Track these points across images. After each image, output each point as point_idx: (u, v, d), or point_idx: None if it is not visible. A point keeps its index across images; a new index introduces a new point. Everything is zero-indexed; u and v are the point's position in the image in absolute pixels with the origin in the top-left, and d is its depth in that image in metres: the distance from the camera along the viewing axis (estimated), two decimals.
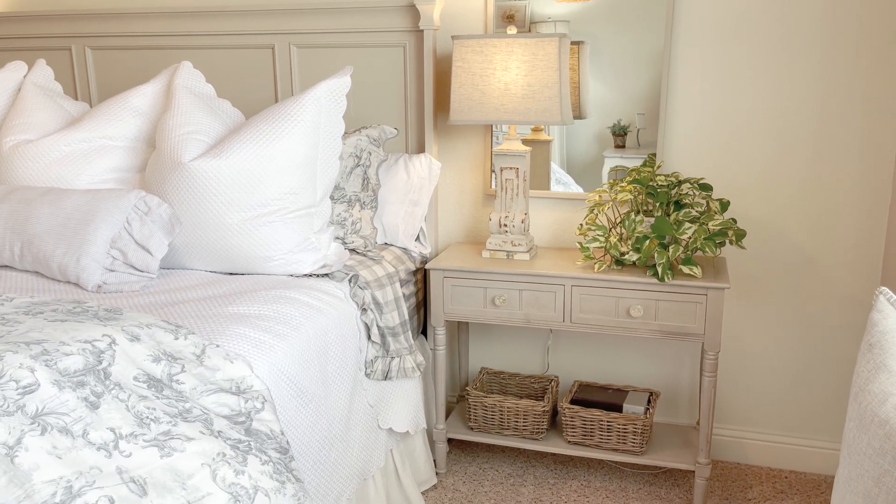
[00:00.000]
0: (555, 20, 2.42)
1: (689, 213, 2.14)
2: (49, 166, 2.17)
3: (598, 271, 2.18)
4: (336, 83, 2.14)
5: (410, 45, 2.45)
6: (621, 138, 2.46)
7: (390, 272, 2.27)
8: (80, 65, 2.78)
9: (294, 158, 2.05)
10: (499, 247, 2.36)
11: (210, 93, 2.32)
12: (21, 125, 2.26)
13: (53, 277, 1.95)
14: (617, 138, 2.46)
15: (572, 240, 2.51)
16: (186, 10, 2.61)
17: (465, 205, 2.62)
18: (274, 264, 2.05)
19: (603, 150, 2.48)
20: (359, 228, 2.32)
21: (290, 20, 2.53)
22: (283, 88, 2.60)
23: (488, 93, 2.21)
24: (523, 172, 2.33)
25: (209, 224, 2.01)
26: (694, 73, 2.33)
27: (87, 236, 1.91)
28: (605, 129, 2.45)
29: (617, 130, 2.46)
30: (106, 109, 2.28)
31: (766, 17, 2.23)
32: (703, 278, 2.11)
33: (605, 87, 2.42)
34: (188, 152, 2.03)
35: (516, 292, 2.25)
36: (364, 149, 2.35)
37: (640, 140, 2.45)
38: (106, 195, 1.99)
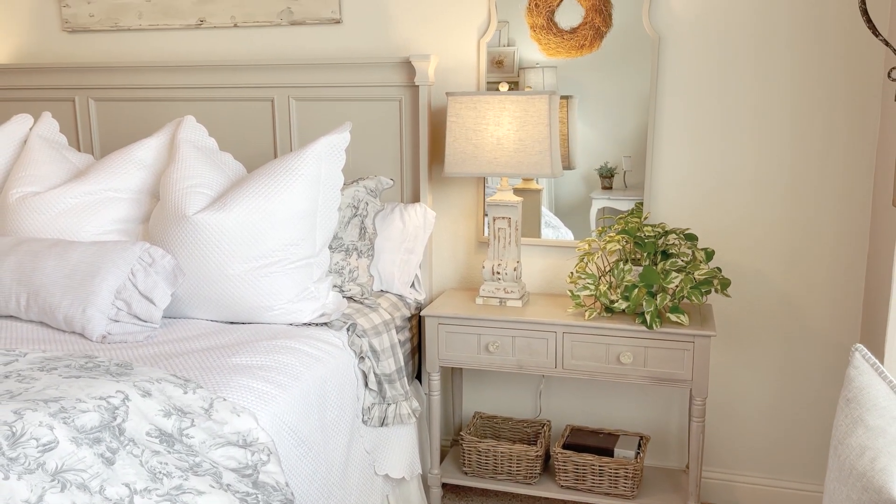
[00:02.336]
0: (542, 66, 2.52)
1: (676, 262, 2.22)
2: (55, 218, 2.23)
3: (588, 319, 2.25)
4: (336, 138, 2.22)
5: (406, 99, 2.54)
6: (608, 180, 2.55)
7: (386, 319, 2.33)
8: (83, 116, 2.85)
9: (295, 211, 2.12)
10: (492, 294, 2.43)
11: (213, 146, 2.39)
12: (27, 177, 2.32)
13: (58, 328, 1.99)
14: (604, 180, 2.55)
15: (563, 286, 2.59)
16: (188, 64, 2.70)
17: (458, 251, 2.69)
18: (274, 314, 2.10)
19: (590, 191, 2.57)
20: (356, 276, 2.38)
21: (290, 74, 2.62)
22: (282, 139, 2.68)
23: (481, 146, 2.30)
24: (515, 222, 2.41)
25: (212, 275, 2.06)
26: (678, 124, 2.43)
27: (92, 287, 1.96)
28: (593, 171, 2.54)
29: (604, 172, 2.55)
30: (111, 162, 2.35)
31: (745, 71, 2.34)
32: (690, 326, 2.19)
33: (591, 130, 2.52)
34: (192, 205, 2.10)
35: (509, 339, 2.31)
36: (361, 199, 2.42)
37: (626, 182, 2.53)
38: (111, 247, 2.04)
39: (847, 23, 2.23)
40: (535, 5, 2.44)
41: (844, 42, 2.25)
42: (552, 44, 2.45)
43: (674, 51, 2.38)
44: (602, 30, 2.39)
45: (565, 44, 2.43)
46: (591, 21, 2.39)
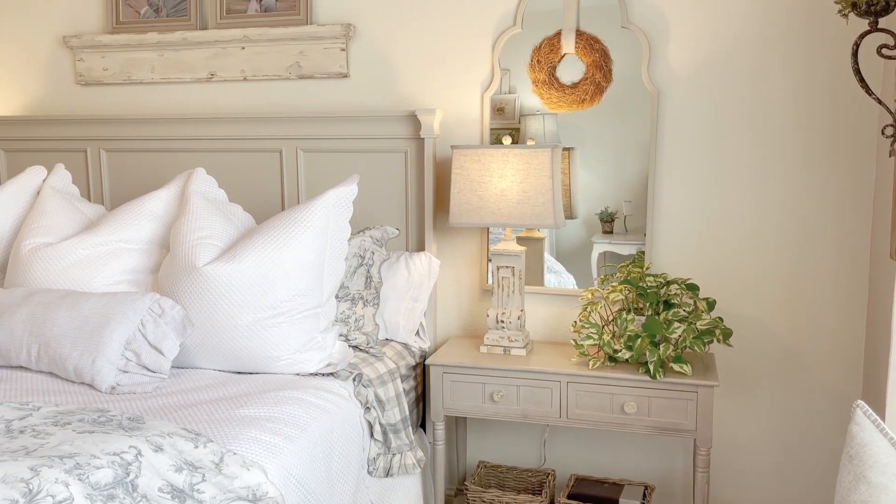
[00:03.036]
0: (543, 113, 2.58)
1: (678, 312, 2.24)
2: (67, 269, 2.26)
3: (592, 368, 2.27)
4: (344, 191, 2.27)
5: (411, 150, 2.60)
6: (609, 224, 2.59)
7: (391, 368, 2.35)
8: (94, 166, 2.91)
9: (303, 262, 2.15)
10: (496, 342, 2.45)
11: (222, 198, 2.44)
12: (40, 228, 2.37)
13: (68, 379, 2.01)
14: (605, 224, 2.59)
15: (566, 334, 2.61)
16: (198, 116, 2.76)
17: (462, 299, 2.72)
18: (281, 364, 2.12)
19: (591, 235, 2.61)
20: (361, 325, 2.40)
21: (298, 127, 2.69)
22: (290, 190, 2.73)
23: (486, 198, 2.35)
24: (519, 271, 2.45)
25: (220, 325, 2.09)
26: (678, 175, 2.48)
27: (102, 338, 1.98)
28: (593, 216, 2.58)
29: (604, 217, 2.59)
30: (122, 214, 2.40)
31: (742, 124, 2.41)
32: (692, 376, 2.20)
33: (592, 175, 2.57)
34: (202, 257, 2.14)
35: (514, 388, 2.33)
36: (367, 249, 2.46)
37: (627, 226, 2.58)
38: (122, 298, 2.08)
39: (841, 80, 2.30)
40: (536, 61, 2.52)
41: (839, 98, 2.31)
42: (554, 98, 2.51)
43: (672, 104, 2.45)
44: (602, 85, 2.46)
45: (567, 98, 2.50)
46: (591, 76, 2.46)
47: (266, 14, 2.75)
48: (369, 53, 2.70)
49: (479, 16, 2.58)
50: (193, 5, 2.81)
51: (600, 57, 2.45)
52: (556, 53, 2.50)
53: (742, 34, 2.37)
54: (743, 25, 2.36)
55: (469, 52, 2.60)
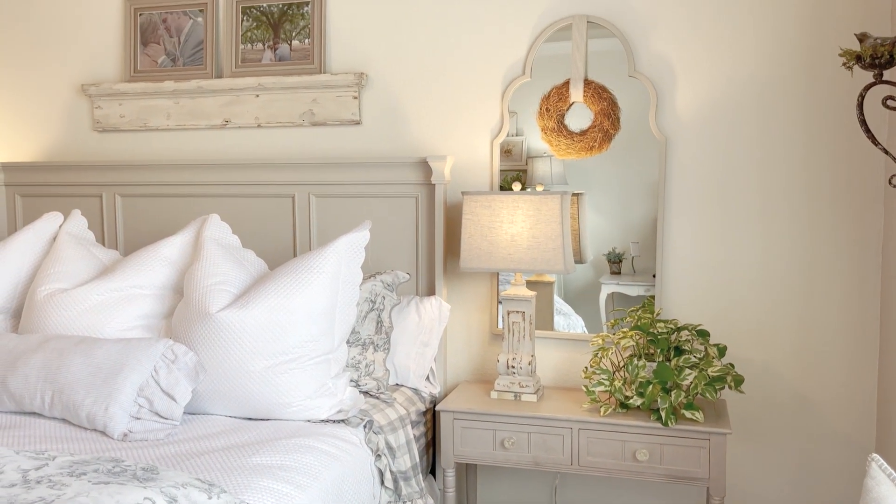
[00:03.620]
0: (549, 155, 2.62)
1: (689, 359, 2.24)
2: (81, 314, 2.28)
3: (603, 415, 2.26)
4: (356, 237, 2.29)
5: (422, 196, 2.64)
6: (617, 265, 2.60)
7: (402, 415, 2.35)
8: (109, 211, 2.95)
9: (315, 308, 2.17)
10: (507, 388, 2.45)
11: (236, 244, 2.47)
12: (55, 274, 2.39)
13: (80, 425, 2.02)
14: (612, 265, 2.60)
15: (577, 379, 2.60)
16: (213, 162, 2.81)
17: (472, 344, 2.72)
18: (292, 410, 2.12)
19: (599, 276, 2.62)
20: (372, 371, 2.41)
21: (310, 172, 2.73)
22: (302, 234, 2.76)
23: (496, 243, 2.37)
24: (529, 316, 2.45)
25: (232, 372, 2.10)
26: (687, 221, 2.50)
27: (115, 385, 1.99)
28: (601, 257, 2.60)
29: (612, 258, 2.60)
30: (137, 259, 2.43)
31: (749, 171, 2.43)
32: (704, 423, 2.19)
33: (599, 216, 2.59)
34: (215, 303, 2.16)
35: (525, 435, 2.32)
36: (378, 293, 2.48)
37: (635, 267, 2.59)
38: (136, 344, 2.09)
39: (847, 130, 2.33)
40: (545, 109, 2.56)
41: (845, 148, 2.34)
42: (563, 145, 2.55)
43: (680, 151, 2.48)
44: (611, 132, 2.50)
45: (575, 145, 2.54)
46: (600, 124, 2.50)
47: (281, 63, 2.82)
48: (381, 101, 2.75)
49: (488, 65, 2.63)
50: (210, 55, 2.88)
51: (608, 105, 2.49)
52: (564, 102, 2.54)
53: (748, 84, 2.41)
54: (749, 75, 2.41)
55: (479, 100, 2.65)
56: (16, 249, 2.55)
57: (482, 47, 2.63)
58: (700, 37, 2.44)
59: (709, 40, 2.43)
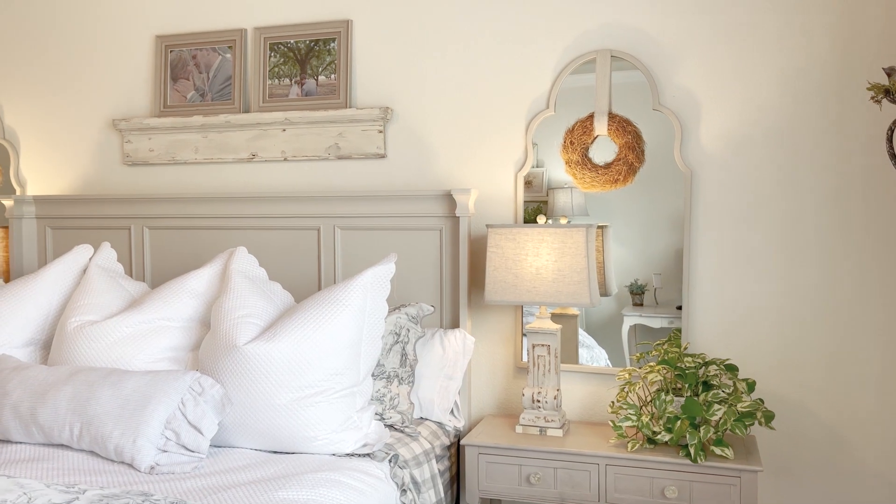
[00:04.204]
0: (570, 186, 2.62)
1: (718, 394, 2.21)
2: (110, 346, 2.31)
3: (631, 450, 2.23)
4: (382, 270, 2.30)
5: (446, 228, 2.65)
6: (639, 297, 2.58)
7: (427, 449, 2.33)
8: (137, 243, 2.99)
9: (341, 341, 2.17)
10: (532, 422, 2.42)
11: (263, 276, 2.49)
12: (85, 306, 2.43)
13: (108, 458, 2.02)
14: (635, 297, 2.59)
15: (603, 414, 2.57)
16: (239, 195, 2.85)
17: (496, 377, 2.71)
18: (318, 444, 2.12)
19: (621, 308, 2.60)
20: (396, 404, 2.40)
21: (336, 205, 2.75)
22: (326, 267, 2.78)
23: (521, 276, 2.37)
24: (554, 349, 2.44)
25: (258, 404, 2.10)
26: (713, 253, 2.48)
27: (144, 417, 2.00)
28: (623, 288, 2.58)
29: (634, 289, 2.59)
30: (165, 292, 2.45)
31: (775, 202, 2.42)
32: (735, 459, 2.15)
33: (620, 248, 2.58)
34: (243, 335, 2.17)
35: (551, 470, 2.29)
36: (403, 326, 2.48)
37: (657, 299, 2.57)
38: (164, 377, 2.10)
39: (875, 163, 2.31)
40: (570, 142, 2.57)
41: (873, 182, 2.32)
42: (587, 178, 2.56)
43: (706, 184, 2.47)
44: (635, 165, 2.50)
45: (600, 178, 2.54)
46: (624, 157, 2.51)
47: (307, 98, 2.86)
48: (406, 134, 2.78)
49: (512, 98, 2.65)
50: (237, 90, 2.94)
51: (633, 138, 2.50)
52: (588, 135, 2.55)
53: (774, 116, 2.41)
54: (775, 108, 2.41)
55: (503, 134, 2.67)
56: (47, 281, 2.59)
57: (506, 81, 2.66)
58: (725, 70, 2.44)
59: (734, 73, 2.44)
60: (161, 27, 3.05)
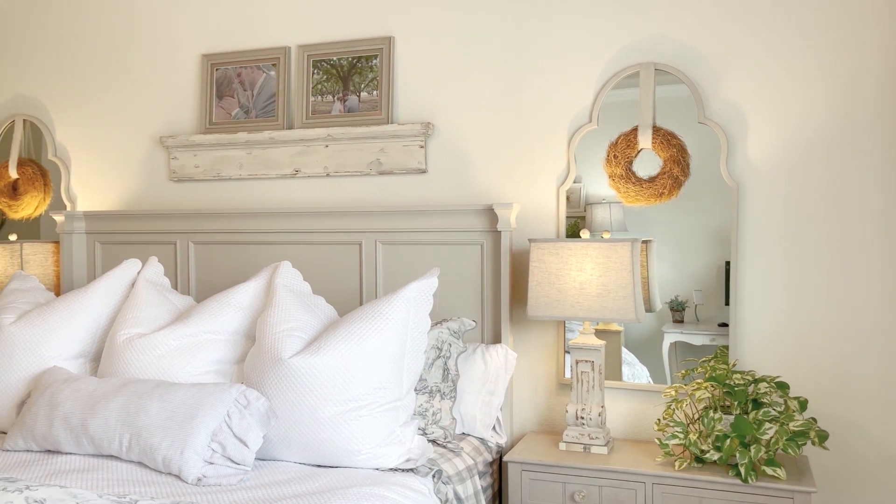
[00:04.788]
0: (609, 202, 2.60)
1: (769, 412, 2.16)
2: (158, 359, 2.34)
3: (679, 469, 2.19)
4: (425, 284, 2.30)
5: (487, 243, 2.64)
6: (679, 313, 2.54)
7: (469, 465, 2.31)
8: (182, 258, 3.04)
9: (384, 355, 2.17)
10: (576, 439, 2.39)
11: (307, 290, 2.51)
12: (134, 319, 2.47)
13: (156, 469, 2.05)
14: (675, 313, 2.55)
15: (648, 432, 2.53)
16: (282, 211, 2.88)
17: (539, 393, 2.68)
18: (361, 458, 2.11)
19: (661, 325, 2.56)
20: (439, 419, 2.39)
21: (377, 220, 2.76)
22: (368, 281, 2.79)
23: (564, 291, 2.35)
24: (598, 365, 2.41)
25: (303, 418, 2.11)
26: (762, 268, 2.43)
27: (191, 429, 2.02)
28: (663, 305, 2.54)
29: (675, 306, 2.55)
30: (211, 305, 2.48)
31: (828, 217, 2.36)
32: (787, 480, 2.10)
33: (660, 263, 2.54)
34: (287, 349, 2.18)
35: (596, 488, 2.25)
36: (445, 341, 2.47)
37: (698, 315, 2.52)
38: (210, 389, 2.12)
39: None
40: (613, 156, 2.55)
41: None
42: (631, 192, 2.53)
43: (753, 198, 2.43)
44: (681, 179, 2.47)
45: (644, 192, 2.51)
46: (669, 171, 2.48)
47: (349, 114, 2.89)
48: (447, 149, 2.79)
49: (554, 112, 2.65)
50: (281, 106, 2.98)
51: (678, 152, 2.47)
52: (632, 148, 2.53)
53: (824, 129, 2.36)
54: (825, 120, 2.36)
55: (545, 148, 2.66)
56: (96, 295, 2.64)
57: (548, 96, 2.66)
58: (772, 82, 2.41)
59: (782, 85, 2.40)
60: (207, 46, 3.11)
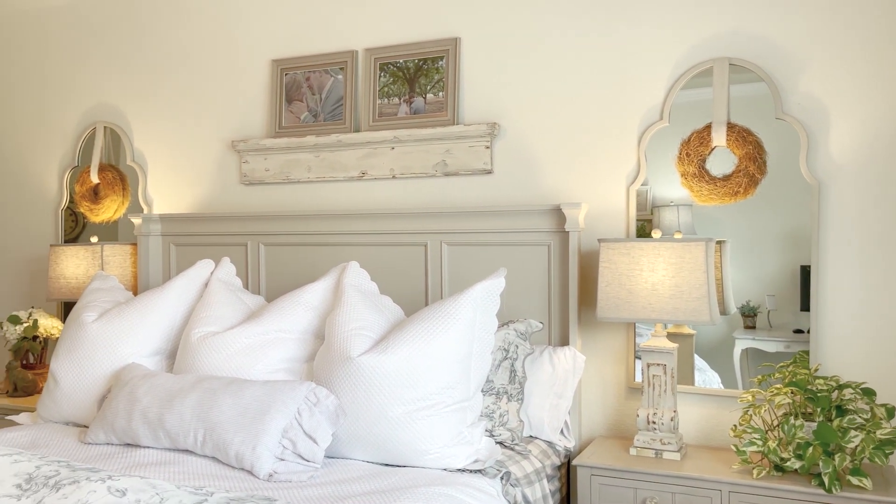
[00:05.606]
0: (677, 204, 2.53)
1: (854, 419, 2.06)
2: (231, 357, 2.39)
3: (757, 477, 2.11)
4: (492, 284, 2.29)
5: (555, 243, 2.60)
6: (751, 319, 2.45)
7: (538, 468, 2.28)
8: (253, 259, 3.11)
9: (452, 354, 2.17)
10: (647, 444, 2.33)
11: (374, 290, 2.52)
12: (207, 318, 2.53)
13: (229, 464, 2.08)
14: (746, 319, 2.46)
15: (723, 439, 2.45)
16: (349, 212, 2.91)
17: (607, 397, 2.63)
18: (430, 458, 2.11)
19: (732, 330, 2.48)
20: (506, 421, 2.36)
21: (443, 221, 2.76)
22: (434, 282, 2.79)
23: (635, 292, 2.29)
24: (671, 369, 2.34)
25: (372, 416, 2.12)
26: (844, 271, 2.33)
27: (263, 426, 2.06)
28: (734, 310, 2.45)
29: (746, 311, 2.46)
30: (281, 304, 2.53)
31: None
32: (874, 490, 1.99)
33: (730, 267, 2.46)
34: (356, 347, 2.20)
35: (669, 495, 2.19)
36: (512, 342, 2.45)
37: (771, 321, 2.43)
38: (281, 387, 2.16)
39: None
40: (686, 154, 2.49)
41: None
42: (705, 191, 2.46)
43: (836, 196, 2.33)
44: (757, 177, 2.39)
45: (718, 191, 2.44)
46: (745, 168, 2.40)
47: (415, 116, 2.90)
48: (513, 150, 2.77)
49: (623, 110, 2.60)
50: (349, 110, 3.02)
51: (754, 149, 2.39)
52: (706, 146, 2.46)
53: None
54: None
55: (613, 147, 2.62)
56: (171, 294, 2.72)
57: (617, 94, 2.61)
58: (855, 74, 2.31)
59: (865, 77, 2.30)
60: (277, 52, 3.18)
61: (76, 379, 2.55)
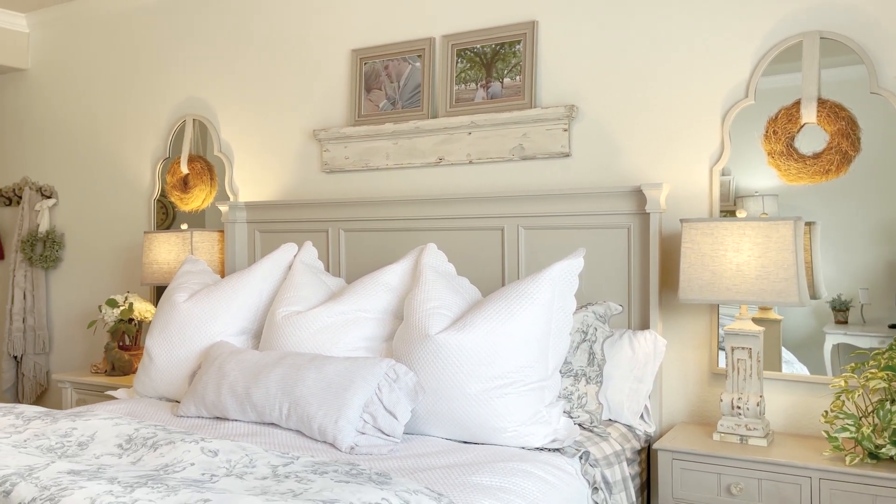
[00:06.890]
0: (762, 194, 2.44)
1: None
2: (313, 335, 2.47)
3: (850, 465, 2.02)
4: (570, 264, 2.27)
5: (635, 226, 2.56)
6: (843, 314, 2.35)
7: (617, 450, 2.25)
8: (334, 244, 3.18)
9: (530, 334, 2.17)
10: (731, 430, 2.27)
11: (451, 271, 2.55)
12: (291, 298, 2.62)
13: (312, 437, 2.15)
14: (838, 313, 2.35)
15: (812, 426, 2.36)
16: (427, 198, 2.94)
17: (689, 383, 2.57)
18: (507, 436, 2.11)
19: (822, 325, 2.38)
20: (584, 403, 2.35)
21: (520, 205, 2.76)
22: (510, 266, 2.79)
23: (719, 273, 2.24)
24: (756, 353, 2.27)
25: (450, 393, 2.14)
26: None
27: (345, 400, 2.11)
28: (823, 304, 2.36)
29: (837, 305, 2.35)
30: (361, 286, 2.58)
31: None
32: None
33: (820, 258, 2.36)
34: (434, 325, 2.23)
35: (755, 481, 2.13)
36: (590, 324, 2.43)
37: (864, 316, 2.32)
38: (362, 363, 2.21)
39: None
40: (773, 132, 2.41)
41: None
42: (793, 170, 2.38)
43: None
44: (850, 154, 2.29)
45: (808, 169, 2.35)
46: (837, 146, 2.30)
47: (492, 100, 2.91)
48: (591, 132, 2.75)
49: (705, 89, 2.54)
50: (426, 96, 3.05)
51: (847, 125, 2.29)
52: (794, 123, 2.37)
53: None
54: None
55: (694, 127, 2.56)
56: (257, 276, 2.82)
57: (698, 72, 2.55)
58: None
59: None
60: (356, 41, 3.25)
61: (169, 356, 2.68)
